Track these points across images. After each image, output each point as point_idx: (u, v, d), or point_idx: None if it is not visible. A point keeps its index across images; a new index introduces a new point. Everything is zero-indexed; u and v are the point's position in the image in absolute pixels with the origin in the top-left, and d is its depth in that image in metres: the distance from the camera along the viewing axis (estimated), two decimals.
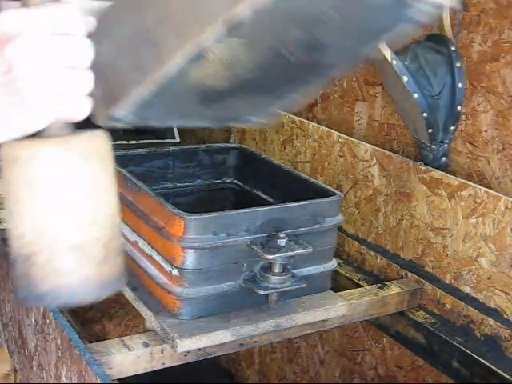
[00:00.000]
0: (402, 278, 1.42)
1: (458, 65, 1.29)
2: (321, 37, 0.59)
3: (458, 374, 1.25)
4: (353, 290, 1.34)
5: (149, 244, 1.16)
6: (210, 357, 1.12)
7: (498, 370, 1.14)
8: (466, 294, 1.32)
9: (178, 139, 1.90)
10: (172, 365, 1.06)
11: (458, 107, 1.32)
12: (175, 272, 1.08)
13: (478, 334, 1.27)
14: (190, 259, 1.07)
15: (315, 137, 1.69)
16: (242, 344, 1.11)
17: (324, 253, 1.23)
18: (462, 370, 1.23)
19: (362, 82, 1.61)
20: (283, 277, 1.12)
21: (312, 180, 1.35)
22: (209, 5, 0.51)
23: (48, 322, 1.13)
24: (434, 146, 1.36)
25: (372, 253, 1.51)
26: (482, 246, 1.28)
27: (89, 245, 0.57)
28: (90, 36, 0.57)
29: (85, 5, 0.59)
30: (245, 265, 1.12)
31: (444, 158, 1.37)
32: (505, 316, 1.24)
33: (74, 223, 0.57)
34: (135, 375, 1.06)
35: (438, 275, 1.38)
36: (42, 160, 0.56)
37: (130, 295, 1.19)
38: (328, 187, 1.29)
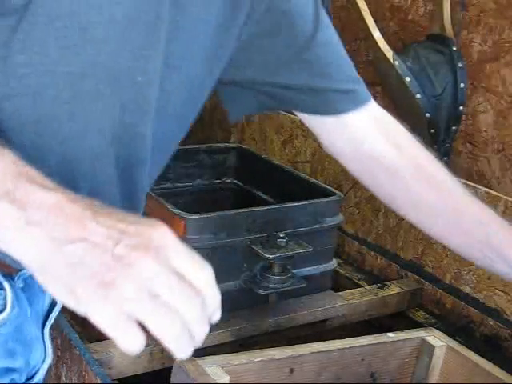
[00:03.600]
0: (402, 278, 1.42)
1: (459, 65, 1.29)
2: None
3: None
4: (353, 290, 1.34)
5: None
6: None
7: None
8: (466, 294, 1.32)
9: None
10: (172, 365, 1.06)
11: (460, 107, 1.32)
12: None
13: (478, 334, 1.27)
14: None
15: (315, 137, 1.68)
16: (241, 344, 1.11)
17: (324, 253, 1.23)
18: None
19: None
20: (283, 277, 1.12)
21: (312, 180, 1.35)
22: None
23: None
24: (435, 147, 1.35)
25: (372, 253, 1.51)
26: None
27: None
28: None
29: None
30: (245, 265, 1.12)
31: (446, 158, 1.37)
32: (505, 316, 1.24)
33: None
34: (135, 375, 1.06)
35: (437, 275, 1.38)
36: None
37: None
38: (328, 187, 1.29)
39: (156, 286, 0.47)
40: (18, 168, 0.50)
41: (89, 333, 1.08)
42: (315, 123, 0.88)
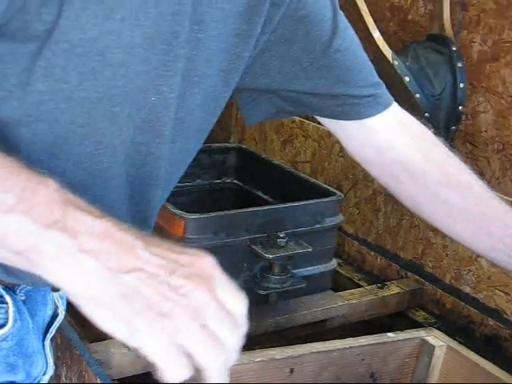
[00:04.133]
0: (402, 278, 1.42)
1: (459, 65, 1.29)
2: None
3: None
4: (353, 290, 1.34)
5: None
6: None
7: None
8: (466, 294, 1.32)
9: None
10: None
11: (460, 107, 1.31)
12: None
13: (478, 334, 1.27)
14: None
15: (315, 137, 1.69)
16: (241, 344, 1.11)
17: (324, 253, 1.23)
18: None
19: None
20: (283, 277, 1.12)
21: (312, 180, 1.35)
22: None
23: None
24: None
25: (372, 253, 1.51)
26: None
27: None
28: None
29: None
30: (245, 265, 1.12)
31: None
32: (505, 316, 1.24)
33: None
34: (135, 375, 1.06)
35: (437, 275, 1.38)
36: None
37: None
38: (328, 187, 1.29)
39: (206, 316, 0.48)
40: (62, 196, 0.49)
41: (89, 333, 1.08)
42: (338, 129, 0.87)
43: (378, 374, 1.02)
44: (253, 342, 1.14)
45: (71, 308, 1.16)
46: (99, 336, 1.65)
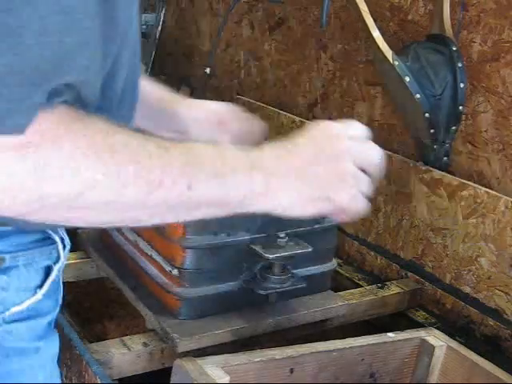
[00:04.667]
0: (402, 278, 1.42)
1: (459, 65, 1.29)
2: None
3: None
4: (353, 290, 1.34)
5: (149, 244, 1.16)
6: None
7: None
8: (466, 294, 1.32)
9: None
10: (172, 365, 1.06)
11: (460, 107, 1.31)
12: (175, 272, 1.08)
13: (478, 334, 1.27)
14: (189, 259, 1.07)
15: None
16: (242, 344, 1.11)
17: (324, 253, 1.23)
18: None
19: (362, 82, 1.61)
20: (283, 277, 1.12)
21: None
22: None
23: None
24: (435, 146, 1.35)
25: (372, 253, 1.51)
26: (482, 246, 1.28)
27: None
28: None
29: None
30: (245, 265, 1.12)
31: (446, 158, 1.37)
32: (505, 316, 1.24)
33: None
34: (135, 375, 1.06)
35: (437, 275, 1.38)
36: None
37: (129, 295, 1.19)
38: None
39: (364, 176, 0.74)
40: (237, 148, 0.66)
41: (89, 333, 1.08)
42: None
43: (378, 374, 1.02)
44: (253, 342, 1.14)
45: (71, 308, 1.16)
46: (99, 336, 1.65)
